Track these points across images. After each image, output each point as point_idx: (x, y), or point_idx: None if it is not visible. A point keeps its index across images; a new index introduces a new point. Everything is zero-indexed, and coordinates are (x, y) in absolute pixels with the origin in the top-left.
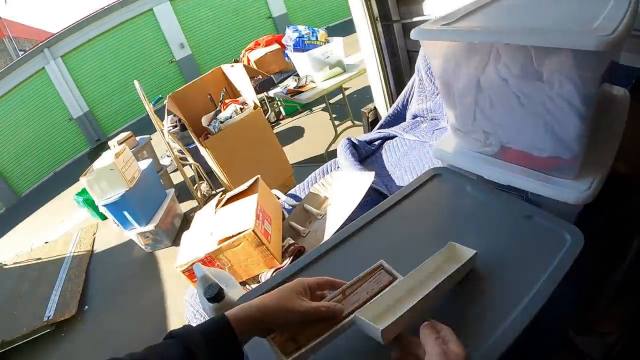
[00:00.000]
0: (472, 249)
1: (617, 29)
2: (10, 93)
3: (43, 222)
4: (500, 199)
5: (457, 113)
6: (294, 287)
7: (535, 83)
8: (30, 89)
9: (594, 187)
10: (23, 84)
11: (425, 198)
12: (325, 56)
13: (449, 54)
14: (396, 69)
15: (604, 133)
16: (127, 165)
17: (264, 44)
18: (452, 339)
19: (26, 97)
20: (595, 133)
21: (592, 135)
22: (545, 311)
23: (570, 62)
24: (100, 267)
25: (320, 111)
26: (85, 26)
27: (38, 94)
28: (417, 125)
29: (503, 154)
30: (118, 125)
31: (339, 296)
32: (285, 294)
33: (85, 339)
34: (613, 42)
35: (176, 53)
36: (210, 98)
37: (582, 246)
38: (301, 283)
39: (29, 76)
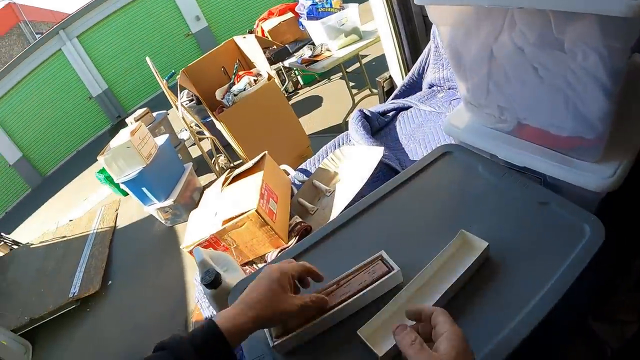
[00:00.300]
0: (484, 240)
1: None
2: (30, 76)
3: (67, 200)
4: (515, 182)
5: (469, 86)
6: (281, 283)
7: (555, 53)
8: (49, 71)
9: (619, 174)
10: (41, 66)
11: (434, 178)
12: (341, 24)
13: (457, 20)
14: (412, 36)
15: (634, 111)
16: (144, 142)
17: (278, 13)
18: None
19: (45, 79)
20: (622, 111)
21: (618, 113)
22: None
23: (596, 30)
24: (123, 242)
25: (338, 79)
26: (100, 5)
27: (57, 75)
28: (434, 95)
29: (519, 131)
30: (138, 101)
31: (332, 286)
32: (276, 296)
33: (109, 314)
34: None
35: (192, 26)
36: (224, 71)
37: (602, 241)
38: (286, 276)
39: (47, 58)
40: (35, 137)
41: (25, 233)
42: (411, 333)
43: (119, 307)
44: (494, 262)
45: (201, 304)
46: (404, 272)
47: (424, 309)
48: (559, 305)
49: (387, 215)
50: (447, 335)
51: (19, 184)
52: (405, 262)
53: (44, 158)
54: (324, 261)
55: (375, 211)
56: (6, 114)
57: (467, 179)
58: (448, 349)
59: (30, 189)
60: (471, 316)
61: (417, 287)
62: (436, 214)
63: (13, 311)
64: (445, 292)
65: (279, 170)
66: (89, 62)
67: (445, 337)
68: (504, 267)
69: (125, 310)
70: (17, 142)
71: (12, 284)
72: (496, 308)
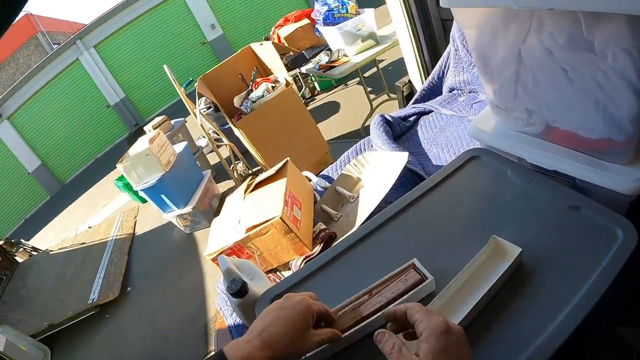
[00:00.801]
0: (517, 246)
1: None
2: (48, 85)
3: (86, 208)
4: (544, 186)
5: (496, 88)
6: (306, 319)
7: (585, 54)
8: (67, 80)
9: None
10: (59, 76)
11: (462, 183)
12: (357, 29)
13: (484, 22)
14: (430, 39)
15: None
16: (162, 149)
17: (294, 19)
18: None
19: (63, 89)
20: None
21: None
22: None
23: (626, 31)
24: (142, 249)
25: (355, 85)
26: (116, 15)
27: (74, 84)
28: (455, 99)
29: (548, 134)
30: (155, 109)
31: (365, 296)
32: (298, 334)
33: (128, 320)
34: None
35: (208, 34)
36: (242, 78)
37: (636, 244)
38: (311, 312)
39: (65, 68)
40: (54, 145)
41: (45, 240)
42: (390, 339)
43: (138, 313)
44: (526, 267)
45: (224, 312)
46: (436, 279)
47: (397, 310)
48: (593, 312)
49: (416, 222)
50: (425, 337)
51: (38, 192)
52: (436, 270)
53: (63, 166)
54: (353, 270)
55: (404, 218)
56: (25, 123)
57: (495, 184)
58: (425, 352)
59: (49, 197)
60: (506, 323)
61: (450, 295)
62: (466, 219)
63: (32, 317)
64: (480, 299)
65: (302, 177)
66: (106, 71)
67: (424, 338)
68: (537, 273)
69: (145, 317)
70: (36, 151)
71: (31, 289)
72: (531, 314)
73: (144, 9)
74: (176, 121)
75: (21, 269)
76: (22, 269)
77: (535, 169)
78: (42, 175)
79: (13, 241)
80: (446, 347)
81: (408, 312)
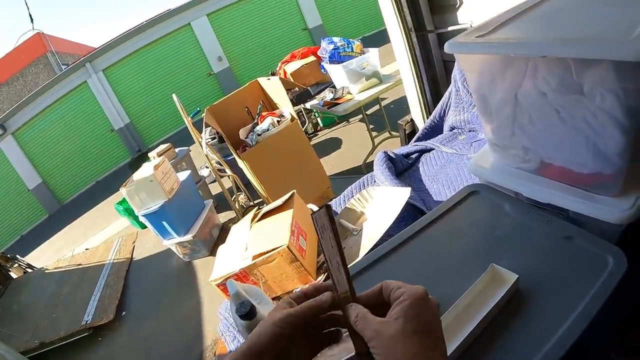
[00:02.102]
0: (513, 273)
1: None
2: (55, 105)
3: (84, 229)
4: (540, 218)
5: (495, 127)
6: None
7: (576, 96)
8: (74, 102)
9: (638, 205)
10: (66, 96)
11: (462, 216)
12: (361, 67)
13: (484, 67)
14: (432, 80)
15: None
16: (166, 176)
17: (300, 56)
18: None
19: (69, 109)
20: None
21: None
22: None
23: (611, 74)
24: (139, 274)
25: (357, 122)
26: (125, 41)
27: (81, 106)
28: (455, 138)
29: (543, 170)
30: (158, 136)
31: None
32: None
33: (122, 344)
34: None
35: (214, 66)
36: (248, 111)
37: (625, 270)
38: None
39: (72, 89)
40: (56, 164)
41: (40, 258)
42: (354, 309)
43: (133, 338)
44: (523, 293)
45: (225, 337)
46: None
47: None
48: (586, 335)
49: (419, 252)
50: (401, 300)
51: (37, 209)
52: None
53: (63, 186)
54: None
55: (407, 248)
56: (29, 140)
57: (494, 217)
58: (398, 313)
59: (47, 215)
60: (503, 344)
61: (451, 319)
62: (466, 250)
63: (23, 333)
64: (479, 323)
65: (307, 209)
66: (113, 95)
67: (399, 301)
68: (532, 298)
69: (139, 342)
70: (38, 168)
71: (24, 306)
72: (527, 336)
73: (153, 37)
74: (180, 150)
75: (15, 284)
76: (16, 285)
77: (531, 203)
78: (41, 193)
79: (8, 256)
80: (420, 312)
81: (384, 286)
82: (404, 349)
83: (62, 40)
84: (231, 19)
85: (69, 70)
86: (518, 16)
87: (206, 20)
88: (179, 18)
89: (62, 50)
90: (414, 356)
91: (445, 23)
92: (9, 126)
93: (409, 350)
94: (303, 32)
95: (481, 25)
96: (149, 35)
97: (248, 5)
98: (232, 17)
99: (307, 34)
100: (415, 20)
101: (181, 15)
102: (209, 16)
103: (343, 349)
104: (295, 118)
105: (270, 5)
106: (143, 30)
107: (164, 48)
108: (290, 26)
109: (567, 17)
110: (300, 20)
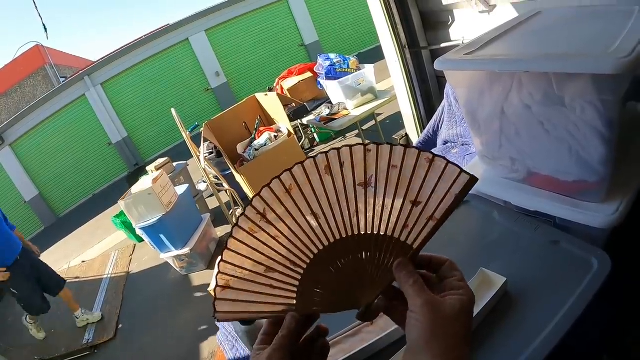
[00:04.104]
0: (502, 276)
1: (636, 50)
2: (52, 118)
3: (80, 242)
4: (528, 225)
5: (484, 140)
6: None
7: (558, 108)
8: (72, 115)
9: (622, 210)
10: (65, 109)
11: (454, 225)
12: (357, 83)
13: (472, 82)
14: (426, 95)
15: (633, 153)
16: (165, 190)
17: (297, 72)
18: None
19: (67, 122)
20: (622, 154)
21: (619, 156)
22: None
23: (590, 87)
24: (136, 288)
25: (353, 137)
26: (124, 55)
27: (79, 119)
28: (448, 151)
29: (530, 179)
30: (155, 150)
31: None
32: None
33: (119, 356)
34: (631, 64)
35: (212, 81)
36: (245, 126)
37: (610, 271)
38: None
39: (71, 102)
40: (53, 177)
41: None
42: (414, 273)
43: (130, 351)
44: (511, 295)
45: (224, 346)
46: None
47: (434, 258)
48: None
49: None
50: (462, 292)
51: (33, 221)
52: None
53: (60, 198)
54: None
55: None
56: (26, 152)
57: (484, 225)
58: (456, 303)
59: (43, 227)
60: (493, 343)
61: None
62: (458, 257)
63: (21, 347)
64: None
65: None
66: (111, 109)
67: (459, 292)
68: (520, 300)
69: (137, 355)
70: (35, 180)
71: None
72: (516, 335)
73: (152, 52)
74: (178, 164)
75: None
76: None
77: (520, 211)
78: (38, 206)
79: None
80: (469, 313)
81: (450, 264)
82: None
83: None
84: (229, 35)
85: (68, 83)
86: (505, 34)
87: (204, 36)
88: (178, 33)
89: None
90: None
91: (438, 40)
92: (6, 137)
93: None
94: (299, 48)
95: (469, 43)
96: (148, 50)
97: (246, 21)
98: (229, 33)
99: (304, 50)
100: (409, 37)
101: (179, 31)
102: (207, 32)
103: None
104: (292, 133)
105: (268, 22)
106: (142, 44)
107: (162, 63)
108: (287, 42)
109: (551, 33)
110: (297, 36)
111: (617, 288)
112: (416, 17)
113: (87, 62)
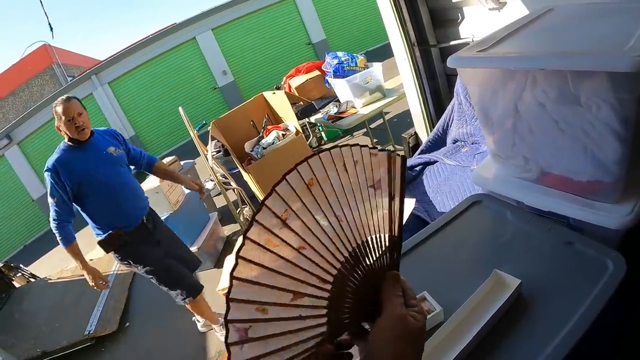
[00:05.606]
0: (516, 278)
1: None
2: None
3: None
4: (541, 226)
5: (496, 139)
6: None
7: (573, 107)
8: None
9: (637, 211)
10: None
11: (466, 225)
12: (365, 82)
13: (485, 80)
14: (435, 93)
15: None
16: (172, 188)
17: (304, 70)
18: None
19: None
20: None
21: (634, 156)
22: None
23: (606, 85)
24: (143, 285)
25: (361, 135)
26: (131, 54)
27: None
28: (458, 150)
29: (543, 179)
30: (162, 149)
31: None
32: None
33: (125, 356)
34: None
35: (219, 80)
36: (253, 124)
37: (624, 273)
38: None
39: None
40: None
41: (42, 268)
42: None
43: (136, 350)
44: (525, 297)
45: None
46: (444, 310)
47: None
48: (587, 337)
49: (425, 259)
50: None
51: (41, 220)
52: (444, 301)
53: None
54: None
55: (413, 256)
56: (34, 150)
57: (497, 225)
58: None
59: None
60: (508, 346)
61: (456, 324)
62: (470, 257)
63: (25, 342)
64: (483, 326)
65: None
66: (119, 108)
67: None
68: (535, 302)
69: (142, 354)
70: (42, 179)
71: (26, 315)
72: (529, 339)
73: (159, 51)
74: (185, 162)
75: (17, 293)
76: (19, 294)
77: (533, 211)
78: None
79: (12, 265)
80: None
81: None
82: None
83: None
84: (236, 34)
85: (75, 82)
86: (517, 31)
87: (211, 34)
88: (185, 32)
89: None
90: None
91: (447, 37)
92: (14, 136)
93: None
94: (307, 46)
95: (481, 41)
96: (155, 49)
97: (253, 20)
98: (236, 31)
99: (311, 48)
100: (418, 35)
101: (187, 30)
102: (214, 30)
103: None
104: (300, 132)
105: (275, 20)
106: (149, 44)
107: (170, 62)
108: (295, 41)
109: (564, 30)
110: (304, 34)
111: (630, 290)
112: (425, 14)
113: (95, 61)
